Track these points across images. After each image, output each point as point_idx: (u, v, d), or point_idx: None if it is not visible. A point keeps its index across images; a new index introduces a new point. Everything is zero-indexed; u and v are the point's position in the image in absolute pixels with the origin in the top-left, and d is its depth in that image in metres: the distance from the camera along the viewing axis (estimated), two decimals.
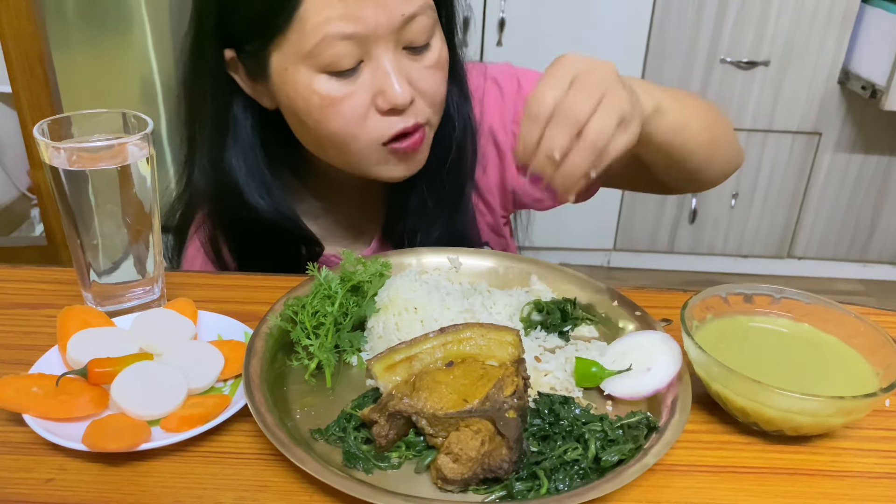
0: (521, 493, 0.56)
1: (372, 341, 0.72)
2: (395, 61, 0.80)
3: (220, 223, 0.95)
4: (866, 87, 2.46)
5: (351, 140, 0.83)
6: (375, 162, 0.86)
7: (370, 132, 0.82)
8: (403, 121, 0.83)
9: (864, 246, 2.90)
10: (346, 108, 0.80)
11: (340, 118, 0.81)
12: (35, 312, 0.78)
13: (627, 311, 0.76)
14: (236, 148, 0.89)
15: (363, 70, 0.80)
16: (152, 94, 2.50)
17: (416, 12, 0.79)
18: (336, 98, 0.80)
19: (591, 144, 0.67)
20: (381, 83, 0.80)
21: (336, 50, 0.77)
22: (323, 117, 0.81)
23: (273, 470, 0.59)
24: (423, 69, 0.83)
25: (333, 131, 0.82)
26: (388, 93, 0.80)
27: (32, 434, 0.59)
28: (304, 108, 0.82)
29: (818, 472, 0.61)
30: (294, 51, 0.79)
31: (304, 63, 0.79)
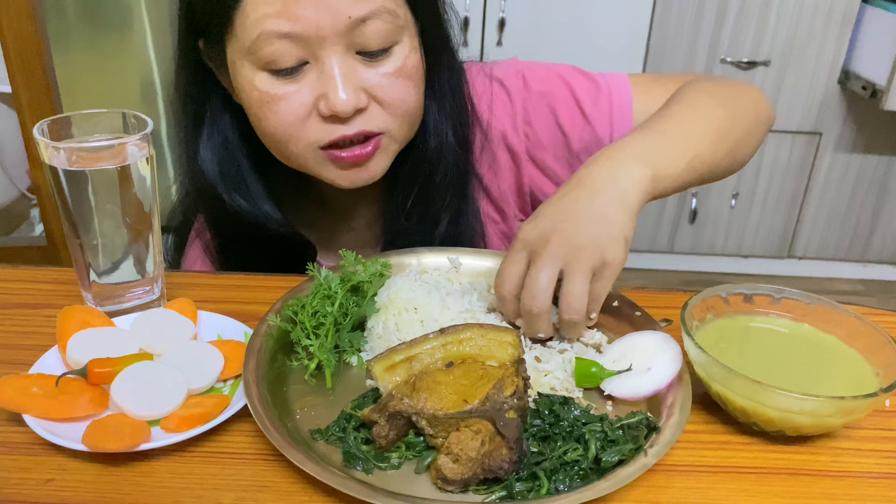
0: (522, 494, 0.56)
1: (372, 341, 0.72)
2: (344, 65, 0.77)
3: (210, 224, 0.94)
4: (866, 87, 2.46)
5: (289, 140, 0.81)
6: (315, 165, 0.84)
7: (308, 135, 0.80)
8: (346, 128, 0.80)
9: (864, 246, 2.90)
10: (283, 108, 0.79)
11: (277, 117, 0.79)
12: (35, 312, 0.78)
13: (627, 311, 0.76)
14: (210, 143, 0.88)
15: (308, 71, 0.78)
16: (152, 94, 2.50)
17: (366, 15, 0.76)
18: (274, 96, 0.78)
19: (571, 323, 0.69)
20: (324, 87, 0.78)
21: (273, 48, 0.76)
22: (261, 114, 0.80)
23: (273, 470, 0.59)
24: (382, 76, 0.79)
25: (270, 129, 0.81)
26: (331, 98, 0.77)
27: (32, 434, 0.59)
28: (247, 102, 0.81)
29: (818, 472, 0.61)
30: (239, 45, 0.78)
31: (247, 58, 0.78)
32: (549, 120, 0.96)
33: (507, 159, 0.98)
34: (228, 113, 0.88)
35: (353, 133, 0.80)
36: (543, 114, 0.96)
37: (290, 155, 0.83)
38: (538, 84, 0.96)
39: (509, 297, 0.71)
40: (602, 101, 0.95)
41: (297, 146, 0.82)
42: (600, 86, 0.96)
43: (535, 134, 0.96)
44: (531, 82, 0.96)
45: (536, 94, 0.96)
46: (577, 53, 2.55)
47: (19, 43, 1.77)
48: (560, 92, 0.96)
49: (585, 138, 0.95)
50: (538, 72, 0.98)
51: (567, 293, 0.68)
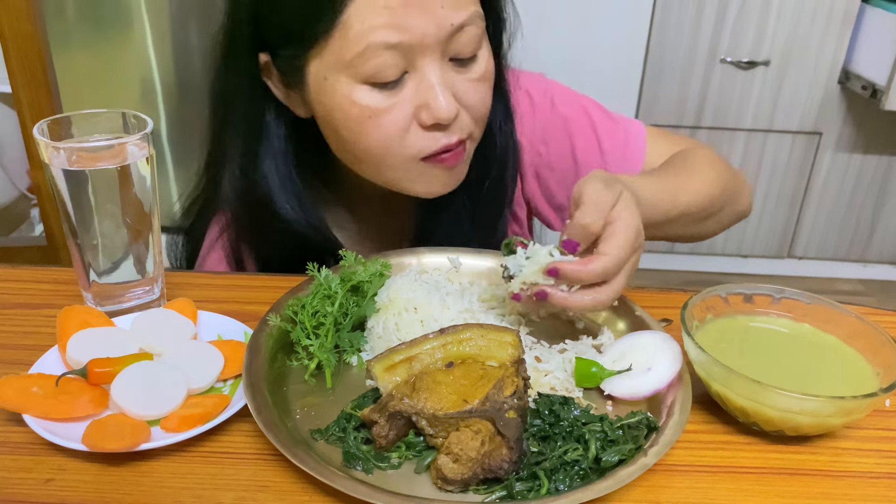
0: (522, 494, 0.56)
1: (372, 341, 0.72)
2: (441, 73, 0.76)
3: (248, 231, 0.92)
4: (866, 87, 2.46)
5: (388, 154, 0.79)
6: (412, 177, 0.82)
7: (410, 147, 0.79)
8: (447, 136, 0.79)
9: (864, 246, 2.90)
10: (386, 121, 0.77)
11: (380, 131, 0.77)
12: (35, 312, 0.78)
13: (627, 311, 0.76)
14: (269, 157, 0.86)
15: (407, 81, 0.76)
16: (152, 94, 2.50)
17: (465, 22, 0.75)
18: (377, 110, 0.76)
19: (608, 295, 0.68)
20: (425, 96, 0.76)
21: (380, 60, 0.74)
22: (361, 130, 0.78)
23: (273, 470, 0.59)
24: (469, 82, 0.79)
25: (371, 145, 0.79)
26: (433, 106, 0.76)
27: (32, 434, 0.59)
28: (342, 119, 0.78)
29: (818, 472, 0.61)
30: (335, 59, 0.75)
31: (344, 72, 0.75)
32: (565, 145, 0.97)
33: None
34: (283, 127, 0.86)
35: (454, 141, 0.79)
36: (560, 138, 0.97)
37: (385, 168, 0.81)
38: (563, 107, 0.97)
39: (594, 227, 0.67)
40: (618, 139, 0.97)
41: (397, 159, 0.80)
42: (619, 125, 0.98)
43: (548, 154, 0.98)
44: (558, 105, 0.97)
45: (559, 118, 0.97)
46: (577, 54, 2.55)
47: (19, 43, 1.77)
48: (581, 121, 0.97)
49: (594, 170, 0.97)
50: (566, 97, 0.99)
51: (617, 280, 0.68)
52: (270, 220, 0.88)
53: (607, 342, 0.73)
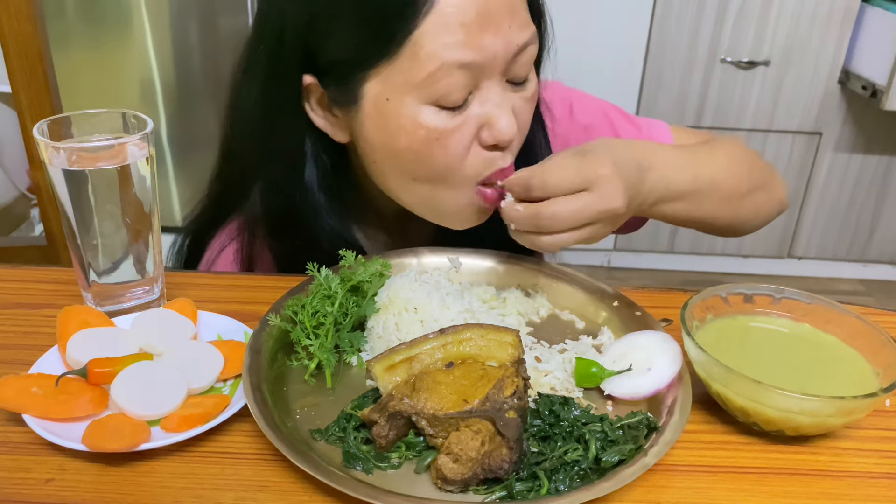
0: (522, 494, 0.56)
1: (372, 341, 0.72)
2: (503, 94, 0.75)
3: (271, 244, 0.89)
4: (866, 87, 2.46)
5: (450, 175, 0.77)
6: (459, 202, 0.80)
7: (469, 168, 0.77)
8: (503, 158, 0.77)
9: (864, 246, 2.90)
10: (452, 142, 0.74)
11: (446, 152, 0.75)
12: (35, 312, 0.78)
13: (627, 311, 0.76)
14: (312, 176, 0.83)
15: (471, 102, 0.74)
16: (152, 94, 2.50)
17: (528, 42, 0.74)
18: (444, 131, 0.73)
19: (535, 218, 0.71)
20: (487, 116, 0.75)
21: (451, 80, 0.71)
22: (428, 152, 0.75)
23: (273, 470, 0.59)
24: (521, 101, 0.78)
25: (436, 166, 0.76)
26: (496, 127, 0.74)
27: (32, 434, 0.59)
28: (406, 142, 0.75)
29: (818, 472, 0.61)
30: (402, 79, 0.72)
31: (412, 93, 0.72)
32: None
33: None
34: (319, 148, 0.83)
35: (508, 165, 0.78)
36: None
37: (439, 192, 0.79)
38: (583, 116, 0.96)
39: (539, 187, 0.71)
40: None
41: (456, 179, 0.77)
42: (641, 129, 0.97)
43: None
44: (577, 113, 0.96)
45: (580, 127, 0.96)
46: (577, 53, 2.55)
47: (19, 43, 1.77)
48: (603, 129, 0.96)
49: None
50: (585, 104, 0.98)
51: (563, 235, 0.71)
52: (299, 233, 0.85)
53: (607, 342, 0.73)
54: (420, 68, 0.71)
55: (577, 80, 1.06)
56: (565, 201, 0.70)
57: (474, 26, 0.70)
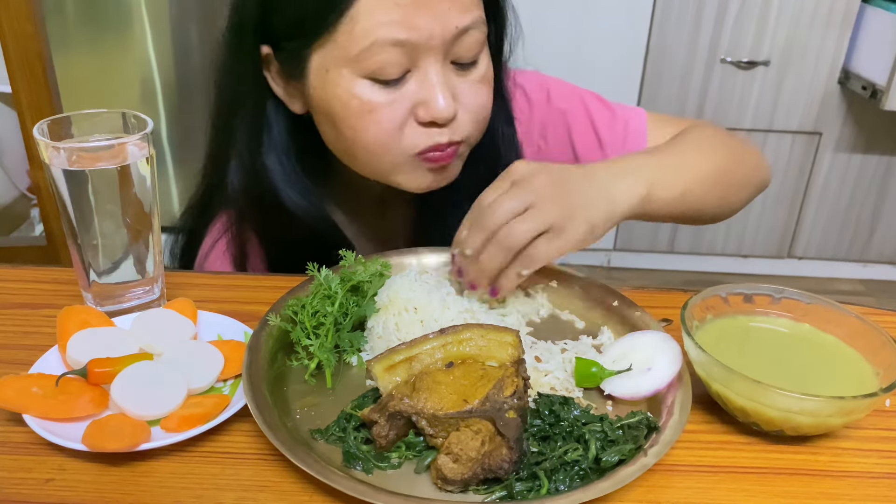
0: (522, 494, 0.56)
1: (372, 341, 0.72)
2: (443, 74, 0.78)
3: (256, 226, 0.92)
4: (866, 87, 2.46)
5: (384, 149, 0.81)
6: (404, 171, 0.83)
7: (405, 142, 0.80)
8: (440, 135, 0.80)
9: (864, 246, 2.90)
10: (384, 117, 0.78)
11: (378, 126, 0.79)
12: (35, 312, 0.78)
13: (627, 311, 0.76)
14: (273, 149, 0.87)
15: (408, 80, 0.78)
16: (152, 94, 2.50)
17: (469, 25, 0.77)
18: (377, 105, 0.78)
19: (499, 244, 0.69)
20: (425, 94, 0.78)
21: (385, 56, 0.75)
22: (360, 124, 0.79)
23: (273, 470, 0.59)
24: (469, 84, 0.81)
25: (368, 139, 0.80)
26: (432, 105, 0.78)
27: (32, 434, 0.59)
28: (342, 113, 0.79)
29: (818, 472, 0.61)
30: (339, 53, 0.76)
31: (348, 66, 0.77)
32: (564, 138, 0.98)
33: None
34: (283, 120, 0.87)
35: (445, 141, 0.81)
36: (559, 131, 0.98)
37: (380, 163, 0.83)
38: (559, 101, 0.98)
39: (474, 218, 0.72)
40: (618, 129, 0.97)
41: (392, 154, 0.81)
42: (617, 115, 0.98)
43: (548, 148, 0.98)
44: (553, 98, 0.98)
45: (556, 111, 0.98)
46: (577, 53, 2.55)
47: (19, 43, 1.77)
48: (579, 113, 0.98)
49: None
50: (562, 89, 1.00)
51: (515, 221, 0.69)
52: (277, 213, 0.88)
53: (607, 342, 0.73)
54: (355, 43, 0.75)
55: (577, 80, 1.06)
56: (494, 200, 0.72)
57: (410, 6, 0.74)
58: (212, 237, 0.96)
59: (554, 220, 0.70)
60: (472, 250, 0.71)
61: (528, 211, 0.70)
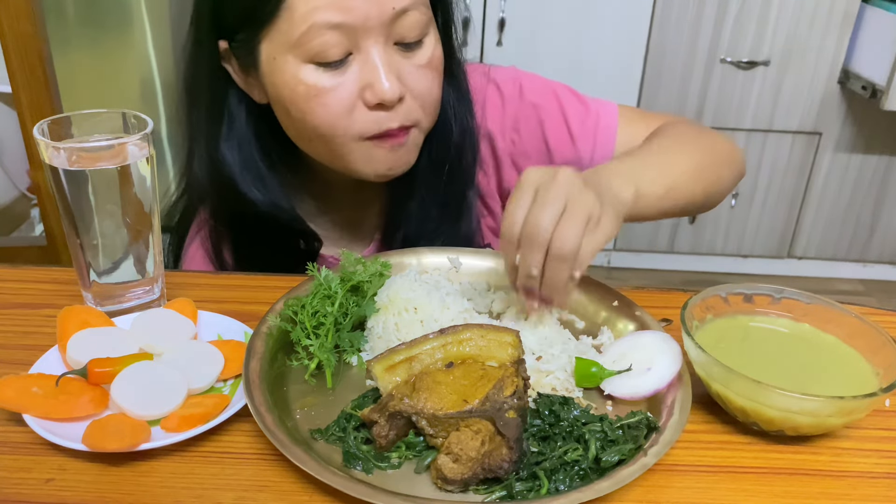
0: (522, 494, 0.56)
1: (372, 341, 0.72)
2: (386, 55, 0.80)
3: (220, 218, 0.95)
4: (866, 87, 2.46)
5: (334, 133, 0.82)
6: (357, 158, 0.85)
7: (355, 126, 0.82)
8: (390, 120, 0.82)
9: (864, 246, 2.90)
10: (331, 100, 0.80)
11: (325, 109, 0.81)
12: (35, 312, 0.78)
13: (627, 311, 0.76)
14: (230, 140, 0.89)
15: (352, 63, 0.80)
16: (152, 94, 2.50)
17: (407, 6, 0.79)
18: (322, 89, 0.80)
19: (560, 255, 0.67)
20: (369, 77, 0.79)
21: (323, 39, 0.77)
22: (308, 108, 0.81)
23: (273, 470, 0.59)
24: (415, 67, 0.82)
25: (318, 123, 0.82)
26: (377, 86, 0.79)
27: (32, 434, 0.59)
28: (290, 98, 0.81)
29: (818, 472, 0.61)
30: (282, 40, 0.79)
31: (291, 52, 0.79)
32: (537, 132, 0.98)
33: (490, 159, 1.00)
34: (244, 112, 0.90)
35: (397, 126, 0.82)
36: (532, 125, 0.98)
37: (333, 147, 0.84)
38: (532, 95, 0.99)
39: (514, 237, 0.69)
40: (589, 123, 0.98)
41: (343, 138, 0.83)
42: (590, 109, 0.99)
43: (521, 142, 0.99)
44: (526, 92, 0.99)
45: (529, 105, 0.99)
46: (577, 54, 2.55)
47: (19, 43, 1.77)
48: (551, 107, 0.98)
49: (567, 156, 0.98)
50: (534, 83, 1.00)
51: (562, 223, 0.66)
52: (237, 204, 0.91)
53: (607, 342, 0.73)
54: (294, 29, 0.77)
55: (577, 80, 1.06)
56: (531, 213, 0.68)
57: None
58: (191, 234, 0.99)
59: (591, 212, 0.68)
60: (537, 270, 0.68)
61: (566, 212, 0.67)
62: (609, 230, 0.69)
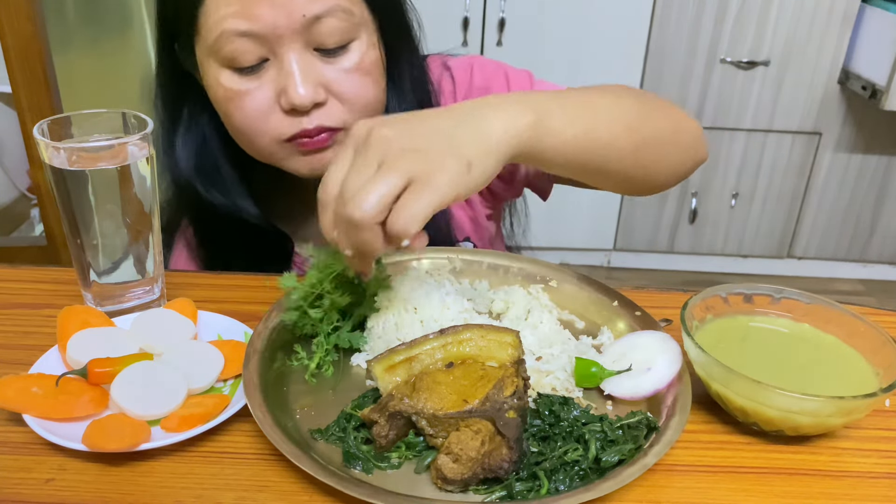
0: (522, 494, 0.56)
1: (372, 341, 0.72)
2: (302, 61, 0.80)
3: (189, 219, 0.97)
4: (866, 87, 2.46)
5: (253, 134, 0.84)
6: (282, 157, 0.86)
7: (272, 129, 0.83)
8: (307, 121, 0.82)
9: (864, 246, 2.90)
10: (247, 104, 0.82)
11: (241, 112, 0.82)
12: (35, 312, 0.78)
13: (627, 311, 0.76)
14: (186, 140, 0.92)
15: (269, 68, 0.81)
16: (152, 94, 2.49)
17: (320, 13, 0.78)
18: (238, 92, 0.82)
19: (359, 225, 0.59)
20: (284, 82, 0.80)
21: (234, 46, 0.79)
22: (227, 110, 0.84)
23: (273, 470, 0.59)
24: (339, 72, 0.82)
25: (237, 125, 0.84)
26: (290, 93, 0.79)
27: (32, 434, 0.59)
28: (215, 99, 0.85)
29: (818, 472, 0.61)
30: (203, 44, 0.82)
31: (210, 56, 0.81)
32: None
33: None
34: (206, 112, 0.91)
35: (313, 127, 0.82)
36: None
37: (257, 148, 0.86)
38: (481, 80, 0.99)
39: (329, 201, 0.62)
40: None
41: (263, 140, 0.84)
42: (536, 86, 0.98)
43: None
44: (476, 76, 0.99)
45: (477, 88, 0.98)
46: (577, 53, 2.55)
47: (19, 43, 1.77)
48: (499, 89, 0.98)
49: None
50: (487, 67, 1.00)
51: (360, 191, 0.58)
52: (198, 205, 0.92)
53: (607, 342, 0.73)
54: (210, 35, 0.80)
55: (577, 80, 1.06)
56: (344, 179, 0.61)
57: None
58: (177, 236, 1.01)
59: (412, 172, 0.58)
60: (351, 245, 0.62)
61: (378, 174, 0.59)
62: (447, 183, 0.59)
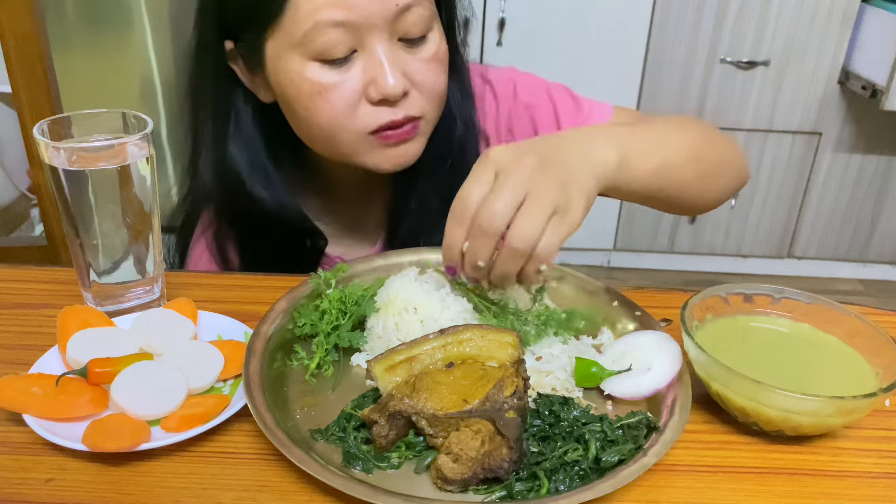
0: (522, 494, 0.56)
1: (372, 341, 0.72)
2: (390, 52, 0.80)
3: (226, 218, 0.95)
4: (866, 87, 2.46)
5: (339, 129, 0.83)
6: (363, 151, 0.85)
7: (359, 122, 0.83)
8: (393, 112, 0.83)
9: (864, 246, 2.90)
10: (335, 97, 0.81)
11: (329, 106, 0.81)
12: (35, 312, 0.78)
13: (627, 311, 0.76)
14: (238, 139, 0.90)
15: (356, 59, 0.81)
16: (152, 94, 2.50)
17: (411, 3, 0.79)
18: (326, 86, 0.80)
19: (515, 250, 0.64)
20: (373, 73, 0.80)
21: (327, 37, 0.78)
22: (312, 105, 0.82)
23: (273, 470, 0.59)
24: (420, 62, 0.83)
25: (323, 119, 0.83)
26: (381, 83, 0.80)
27: (32, 434, 0.59)
28: (295, 96, 0.82)
29: (818, 472, 0.61)
30: (287, 38, 0.80)
31: (296, 50, 0.80)
32: (529, 132, 0.99)
33: None
34: (251, 111, 0.90)
35: (401, 118, 0.83)
36: (524, 125, 0.99)
37: (338, 143, 0.85)
38: (526, 96, 0.99)
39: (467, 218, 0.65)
40: (580, 122, 0.98)
41: (348, 134, 0.83)
42: (582, 108, 0.99)
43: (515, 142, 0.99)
44: (520, 92, 1.00)
45: (522, 106, 0.99)
46: (577, 54, 2.55)
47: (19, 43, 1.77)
48: (544, 107, 0.99)
49: None
50: (529, 84, 1.01)
51: (521, 217, 0.63)
52: (244, 203, 0.91)
53: (607, 342, 0.73)
54: (299, 27, 0.78)
55: (577, 80, 1.06)
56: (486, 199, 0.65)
57: None
58: (196, 233, 0.99)
59: (556, 204, 0.64)
60: (485, 262, 0.66)
61: (526, 202, 0.64)
62: (578, 218, 0.66)
